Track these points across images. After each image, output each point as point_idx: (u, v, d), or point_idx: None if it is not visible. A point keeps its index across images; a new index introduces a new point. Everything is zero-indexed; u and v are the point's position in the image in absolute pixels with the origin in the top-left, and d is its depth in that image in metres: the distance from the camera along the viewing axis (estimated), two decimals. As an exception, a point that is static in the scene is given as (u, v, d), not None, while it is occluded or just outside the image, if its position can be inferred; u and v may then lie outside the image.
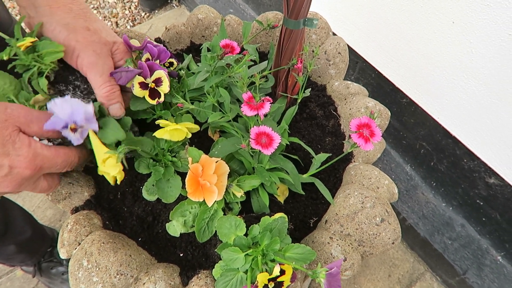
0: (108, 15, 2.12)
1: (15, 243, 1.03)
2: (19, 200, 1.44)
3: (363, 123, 0.53)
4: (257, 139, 0.52)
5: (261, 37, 0.86)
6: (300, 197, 0.68)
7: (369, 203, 0.60)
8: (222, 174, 0.56)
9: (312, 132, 0.75)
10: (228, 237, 0.52)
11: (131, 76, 0.58)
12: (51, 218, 1.42)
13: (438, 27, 0.97)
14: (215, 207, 0.58)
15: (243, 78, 0.55)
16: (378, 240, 0.58)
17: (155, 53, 0.62)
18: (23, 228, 1.06)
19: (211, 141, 0.73)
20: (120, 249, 0.57)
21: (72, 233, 0.58)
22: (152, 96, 0.60)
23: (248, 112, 0.53)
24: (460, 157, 1.14)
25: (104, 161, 0.53)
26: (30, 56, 0.54)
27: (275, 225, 0.52)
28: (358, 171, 0.67)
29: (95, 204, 0.65)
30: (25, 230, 1.06)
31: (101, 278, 0.53)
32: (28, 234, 1.07)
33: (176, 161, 0.63)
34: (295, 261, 0.50)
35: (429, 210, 1.28)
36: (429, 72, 1.06)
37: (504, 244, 1.15)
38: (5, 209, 0.99)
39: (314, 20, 0.60)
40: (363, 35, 1.21)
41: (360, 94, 0.76)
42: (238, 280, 0.50)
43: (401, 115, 1.26)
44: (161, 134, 0.58)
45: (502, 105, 0.92)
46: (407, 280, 1.29)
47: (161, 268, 0.57)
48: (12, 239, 1.01)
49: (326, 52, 0.79)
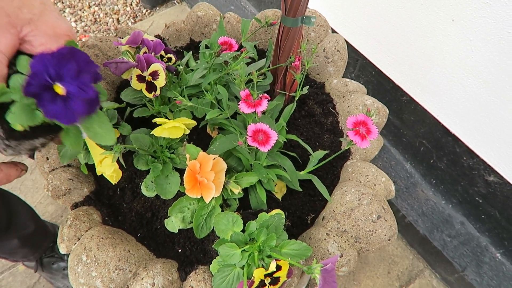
0: (109, 12, 2.13)
1: (18, 237, 1.04)
2: (21, 196, 1.45)
3: (359, 121, 0.53)
4: (254, 136, 0.53)
5: (260, 34, 0.86)
6: (297, 193, 0.69)
7: (366, 200, 0.60)
8: (220, 171, 0.57)
9: (310, 129, 0.76)
10: (225, 233, 0.53)
11: (125, 67, 0.59)
12: (53, 214, 1.43)
13: (438, 25, 0.96)
14: (213, 204, 0.59)
15: (241, 76, 0.56)
16: (374, 236, 0.58)
17: (151, 46, 0.63)
18: (26, 223, 1.07)
19: (209, 138, 0.73)
20: (119, 244, 0.57)
21: (71, 229, 0.59)
22: (149, 89, 0.61)
23: (245, 110, 0.54)
24: (459, 154, 1.14)
25: (100, 162, 0.54)
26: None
27: (271, 221, 0.53)
28: (356, 168, 0.67)
29: (95, 200, 0.66)
30: (28, 225, 1.07)
31: (100, 273, 0.54)
32: (31, 229, 1.08)
33: (174, 157, 0.64)
34: (291, 257, 0.50)
35: (429, 207, 1.29)
36: (429, 70, 1.06)
37: (503, 241, 1.15)
38: (8, 204, 0.99)
39: (312, 18, 0.61)
40: (363, 32, 1.21)
41: (358, 91, 0.76)
42: (235, 276, 0.50)
43: (401, 112, 1.26)
44: (160, 132, 0.59)
45: (501, 103, 0.92)
46: (406, 277, 1.30)
47: (159, 264, 0.58)
48: (15, 233, 1.02)
49: (324, 50, 0.79)
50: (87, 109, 0.39)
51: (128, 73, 0.61)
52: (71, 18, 2.08)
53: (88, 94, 0.38)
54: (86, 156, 0.60)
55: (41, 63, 0.37)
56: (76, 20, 2.08)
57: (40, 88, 0.37)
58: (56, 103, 0.37)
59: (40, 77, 0.37)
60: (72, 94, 0.37)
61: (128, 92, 0.66)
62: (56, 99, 0.37)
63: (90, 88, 0.38)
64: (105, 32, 2.04)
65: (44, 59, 0.37)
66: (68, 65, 0.38)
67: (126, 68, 0.59)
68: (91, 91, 0.38)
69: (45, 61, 0.37)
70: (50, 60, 0.37)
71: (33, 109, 0.38)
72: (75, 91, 0.37)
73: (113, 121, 0.64)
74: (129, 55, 0.61)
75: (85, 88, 0.38)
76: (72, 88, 0.37)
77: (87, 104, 0.38)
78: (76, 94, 0.37)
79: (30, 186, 1.50)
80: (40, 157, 0.66)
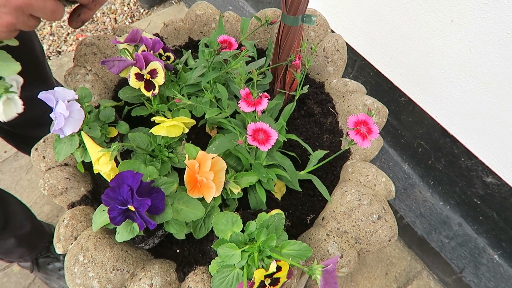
0: (106, 11, 2.12)
1: (15, 236, 1.03)
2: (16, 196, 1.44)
3: (360, 120, 0.52)
4: (254, 136, 0.52)
5: (260, 33, 0.86)
6: (297, 194, 0.68)
7: (366, 200, 0.60)
8: (220, 171, 0.56)
9: (310, 129, 0.75)
10: (224, 234, 0.52)
11: (123, 65, 0.58)
12: (49, 214, 1.41)
13: (437, 26, 0.96)
14: (212, 204, 0.58)
15: (241, 74, 0.55)
16: (375, 237, 0.58)
17: (150, 44, 0.62)
18: (23, 223, 1.06)
19: (208, 137, 0.73)
20: (116, 244, 0.57)
21: (68, 228, 0.58)
22: (148, 88, 0.60)
23: (245, 108, 0.53)
24: (457, 156, 1.14)
25: (98, 160, 0.53)
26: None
27: (271, 221, 0.52)
28: (356, 168, 0.67)
29: (92, 199, 0.65)
30: (24, 224, 1.06)
31: (97, 273, 0.53)
32: (28, 228, 1.07)
33: (173, 157, 0.63)
34: (291, 258, 0.50)
35: (427, 208, 1.28)
36: (428, 70, 1.06)
37: (500, 243, 1.16)
38: (5, 203, 0.99)
39: (313, 16, 0.60)
40: (362, 33, 1.21)
41: (358, 91, 0.76)
42: (235, 277, 0.50)
43: (399, 113, 1.26)
44: (158, 131, 0.58)
45: (500, 104, 0.92)
46: (404, 278, 1.30)
47: (157, 264, 0.57)
48: (11, 233, 1.01)
49: (324, 50, 0.79)
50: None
51: (126, 71, 0.60)
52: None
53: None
54: (83, 154, 0.60)
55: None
56: (73, 19, 2.06)
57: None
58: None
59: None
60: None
61: (126, 91, 0.65)
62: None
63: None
64: (102, 32, 2.03)
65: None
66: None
67: (124, 66, 0.58)
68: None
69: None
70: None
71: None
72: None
73: (110, 120, 0.63)
74: (127, 53, 0.60)
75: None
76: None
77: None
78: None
79: (26, 186, 1.49)
80: (37, 156, 0.65)
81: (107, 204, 0.49)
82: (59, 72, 1.79)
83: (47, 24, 2.03)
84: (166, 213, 0.52)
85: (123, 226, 0.53)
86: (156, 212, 0.51)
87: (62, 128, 0.55)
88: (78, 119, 0.56)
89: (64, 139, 0.58)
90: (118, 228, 0.53)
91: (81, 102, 0.60)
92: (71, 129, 0.55)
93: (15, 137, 1.09)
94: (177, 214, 0.54)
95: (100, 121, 0.63)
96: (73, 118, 0.55)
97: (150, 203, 0.48)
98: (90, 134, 0.59)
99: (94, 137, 0.59)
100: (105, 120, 0.63)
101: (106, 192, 0.48)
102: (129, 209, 0.49)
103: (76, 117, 0.55)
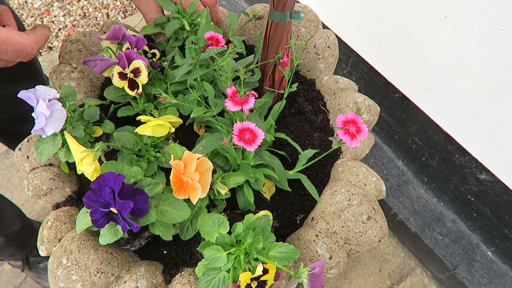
0: (99, 6, 2.09)
1: (5, 235, 1.02)
2: (7, 194, 1.43)
3: (349, 119, 0.51)
4: (240, 135, 0.51)
5: (250, 30, 0.84)
6: (287, 193, 0.67)
7: (356, 200, 0.59)
8: (206, 171, 0.55)
9: (300, 127, 0.74)
10: (211, 235, 0.51)
11: (105, 65, 0.57)
12: (40, 212, 1.40)
13: (430, 21, 0.95)
14: (199, 204, 0.57)
15: (227, 72, 0.54)
16: (364, 238, 0.57)
17: (133, 41, 0.60)
18: (12, 221, 1.05)
19: (196, 136, 0.71)
20: (101, 246, 0.55)
21: (52, 230, 0.57)
22: (132, 87, 0.59)
23: (232, 107, 0.52)
24: (451, 152, 1.13)
25: (81, 160, 0.52)
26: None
27: (258, 223, 0.51)
28: (346, 167, 0.66)
29: (77, 200, 0.64)
30: (14, 222, 1.05)
31: (81, 276, 0.52)
32: (17, 227, 1.06)
33: (160, 156, 0.62)
34: (278, 260, 0.49)
35: (420, 205, 1.28)
36: (421, 66, 1.05)
37: (494, 239, 1.15)
38: None
39: (301, 13, 0.59)
40: (355, 28, 1.19)
41: (349, 89, 0.75)
42: (220, 280, 0.49)
43: (393, 110, 1.25)
44: (143, 130, 0.57)
45: (493, 100, 0.92)
46: (397, 275, 1.29)
47: (143, 266, 0.56)
48: (1, 231, 1.00)
49: (315, 46, 0.78)
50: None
51: (109, 70, 0.59)
52: (60, 12, 2.04)
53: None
54: (67, 154, 0.58)
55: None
56: (65, 15, 2.04)
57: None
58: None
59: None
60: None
61: (111, 90, 0.64)
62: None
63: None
64: (94, 27, 2.01)
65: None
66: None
67: (107, 66, 0.57)
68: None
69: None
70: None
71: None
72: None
73: (95, 119, 0.62)
74: (110, 52, 0.58)
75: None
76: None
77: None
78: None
79: (17, 183, 1.47)
80: (20, 156, 0.64)
81: (89, 206, 0.47)
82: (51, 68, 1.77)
83: (38, 19, 2.01)
84: (150, 215, 0.50)
85: (107, 229, 0.52)
86: (140, 214, 0.50)
87: (44, 128, 0.53)
88: (60, 119, 0.54)
89: (46, 139, 0.57)
90: (102, 230, 0.52)
91: (65, 100, 0.59)
92: (53, 128, 0.54)
93: (5, 134, 1.08)
94: (162, 215, 0.52)
95: (85, 121, 0.62)
96: (55, 118, 0.54)
97: (132, 206, 0.47)
98: (73, 133, 0.58)
99: (77, 137, 0.58)
100: (89, 119, 0.62)
101: (87, 195, 0.47)
102: (112, 211, 0.48)
103: (57, 116, 0.54)
